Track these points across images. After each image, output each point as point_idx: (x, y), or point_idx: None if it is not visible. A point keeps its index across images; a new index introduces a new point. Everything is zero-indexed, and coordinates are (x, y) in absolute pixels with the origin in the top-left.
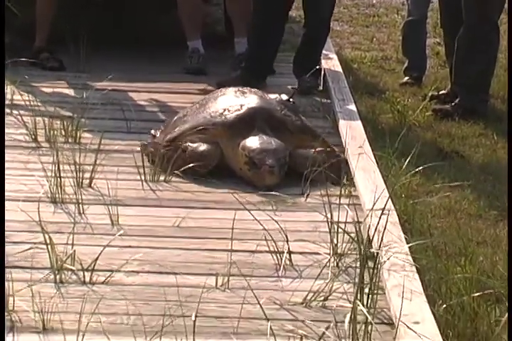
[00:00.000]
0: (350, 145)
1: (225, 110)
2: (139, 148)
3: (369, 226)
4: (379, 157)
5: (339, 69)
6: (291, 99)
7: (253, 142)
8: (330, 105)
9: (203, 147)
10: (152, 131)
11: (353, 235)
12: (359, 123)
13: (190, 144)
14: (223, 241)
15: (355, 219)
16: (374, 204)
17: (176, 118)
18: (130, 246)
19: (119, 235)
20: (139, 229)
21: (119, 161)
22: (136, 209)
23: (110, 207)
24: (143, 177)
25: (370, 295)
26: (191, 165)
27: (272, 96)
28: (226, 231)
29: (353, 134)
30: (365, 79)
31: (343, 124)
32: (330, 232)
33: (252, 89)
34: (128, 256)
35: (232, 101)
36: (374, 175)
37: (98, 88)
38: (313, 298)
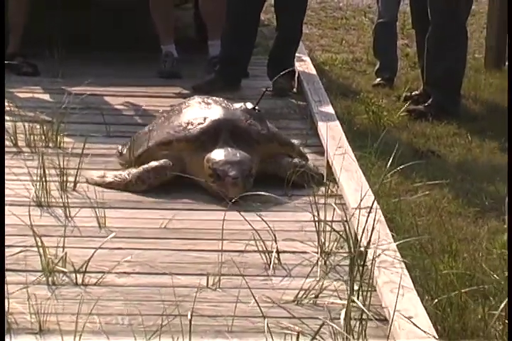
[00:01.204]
0: (331, 145)
1: (188, 124)
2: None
3: (357, 224)
4: (358, 157)
5: (313, 71)
6: (256, 108)
7: (217, 154)
8: (306, 107)
9: (156, 163)
10: (119, 148)
11: (340, 234)
12: (337, 123)
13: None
14: (212, 242)
15: (342, 218)
16: (360, 202)
17: (141, 133)
18: (120, 248)
19: (109, 238)
20: (127, 231)
21: (101, 164)
22: (122, 211)
23: (97, 210)
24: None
25: (362, 292)
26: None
27: (237, 105)
28: (214, 232)
29: (332, 135)
30: (337, 80)
31: (321, 125)
32: (317, 231)
33: (217, 99)
34: (119, 258)
35: (196, 114)
36: (357, 175)
37: (76, 93)
38: (304, 296)
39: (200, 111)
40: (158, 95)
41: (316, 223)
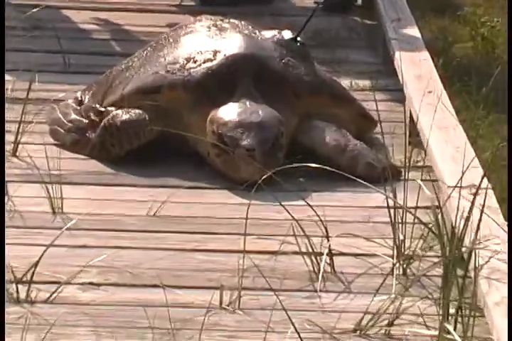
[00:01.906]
0: (415, 90)
1: (188, 60)
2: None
3: (456, 212)
4: (459, 108)
5: None
6: (298, 38)
7: (227, 112)
8: (377, 29)
9: (128, 115)
10: (78, 94)
11: (429, 227)
12: (426, 55)
13: (112, 113)
14: (227, 237)
15: (432, 203)
16: (461, 178)
17: (114, 72)
18: (85, 246)
19: (67, 229)
20: (95, 220)
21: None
22: (88, 189)
23: (50, 187)
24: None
25: (462, 318)
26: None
27: (267, 33)
28: (232, 223)
29: (417, 73)
30: None
31: (400, 58)
32: (392, 223)
33: (237, 23)
34: (82, 261)
35: (202, 45)
36: (455, 135)
37: (21, 3)
38: (371, 323)
39: (209, 41)
40: (147, 9)
41: (391, 210)
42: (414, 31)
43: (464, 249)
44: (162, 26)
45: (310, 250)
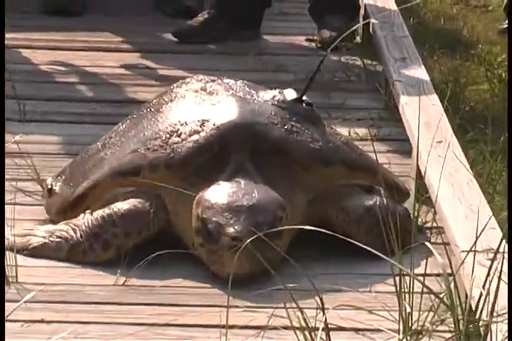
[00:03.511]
0: (422, 139)
1: (172, 134)
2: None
3: (471, 280)
4: (473, 160)
5: (392, 4)
6: (304, 98)
7: (216, 193)
8: (379, 69)
9: (125, 206)
10: (48, 181)
11: (440, 297)
12: (435, 99)
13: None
14: (210, 310)
15: (444, 269)
16: (475, 242)
17: (89, 152)
18: (43, 321)
19: (25, 302)
20: (55, 291)
21: (11, 173)
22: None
23: (7, 256)
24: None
25: None
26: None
27: (266, 94)
28: (209, 292)
29: (425, 120)
30: (436, 22)
31: (406, 102)
32: (398, 292)
33: (231, 83)
34: (41, 338)
35: (188, 114)
36: (469, 192)
37: None
38: None
39: (196, 109)
40: (116, 48)
41: (397, 278)
42: (421, 72)
43: (480, 323)
44: (133, 67)
45: (303, 324)
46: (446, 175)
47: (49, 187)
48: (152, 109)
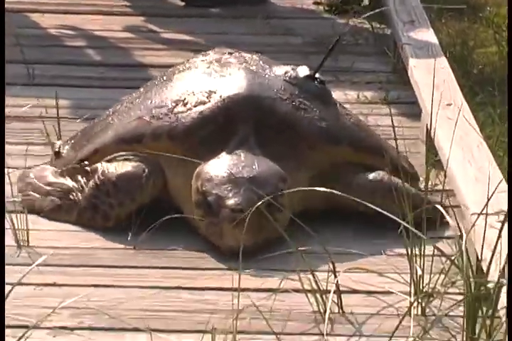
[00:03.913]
0: (431, 101)
1: (178, 103)
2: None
3: (482, 243)
4: (482, 122)
5: None
6: (317, 76)
7: (216, 166)
8: (388, 32)
9: (118, 172)
10: (57, 145)
11: (451, 259)
12: (443, 62)
13: (102, 169)
14: (221, 273)
15: (455, 232)
16: (486, 204)
17: (101, 117)
18: (55, 284)
19: (37, 265)
20: (66, 255)
21: (21, 136)
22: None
23: (14, 217)
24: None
25: None
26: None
27: (279, 70)
28: (222, 255)
29: (434, 83)
30: None
31: (415, 66)
32: (409, 255)
33: (248, 56)
34: (53, 302)
35: (197, 84)
36: (479, 154)
37: None
38: None
39: (205, 80)
40: (122, 12)
41: (408, 241)
42: (429, 35)
43: (491, 285)
44: (140, 31)
45: (315, 287)
46: (456, 138)
47: (56, 150)
48: (164, 78)
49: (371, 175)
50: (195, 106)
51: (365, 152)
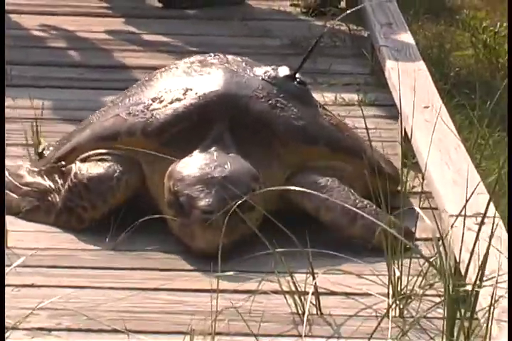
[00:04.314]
0: (408, 104)
1: (154, 100)
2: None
3: (460, 244)
4: (459, 125)
5: None
6: (297, 76)
7: (188, 165)
8: (365, 34)
9: (89, 173)
10: (41, 146)
11: (430, 261)
12: (421, 64)
13: (75, 170)
14: (197, 274)
15: (433, 233)
16: (464, 206)
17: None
18: (33, 285)
19: (15, 267)
20: (45, 256)
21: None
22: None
23: None
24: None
25: None
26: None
27: (259, 70)
28: (202, 258)
29: (411, 85)
30: None
31: (392, 68)
32: (388, 255)
33: (230, 58)
34: (32, 303)
35: (175, 83)
36: (457, 156)
37: None
38: None
39: (184, 79)
40: (104, 14)
41: (385, 242)
42: (407, 37)
43: (469, 287)
44: (119, 32)
45: (293, 289)
46: (434, 140)
47: (40, 151)
48: (147, 78)
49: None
50: (170, 103)
51: (343, 153)
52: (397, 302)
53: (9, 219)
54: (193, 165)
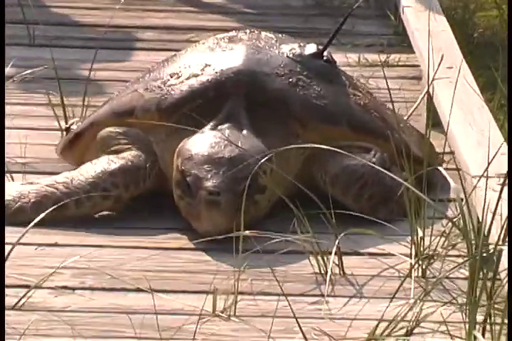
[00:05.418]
0: (432, 64)
1: (172, 75)
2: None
3: (483, 205)
4: (483, 86)
5: None
6: (325, 54)
7: (197, 143)
8: None
9: (121, 160)
10: (70, 121)
11: (453, 222)
12: (445, 25)
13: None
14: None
15: (457, 194)
16: (487, 167)
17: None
18: (56, 244)
19: (35, 225)
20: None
21: (23, 97)
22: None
23: (15, 177)
24: (63, 125)
25: (492, 327)
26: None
27: (286, 47)
28: None
29: (435, 46)
30: None
31: (416, 28)
32: (410, 215)
33: (262, 34)
34: (55, 262)
35: (195, 59)
36: (480, 117)
37: None
38: (387, 332)
39: (205, 55)
40: None
41: (408, 202)
42: None
43: (492, 247)
44: None
45: (316, 249)
46: (457, 101)
47: (67, 126)
48: (174, 54)
49: (345, 161)
50: (187, 79)
51: (365, 134)
52: (420, 262)
53: (30, 179)
54: (203, 143)
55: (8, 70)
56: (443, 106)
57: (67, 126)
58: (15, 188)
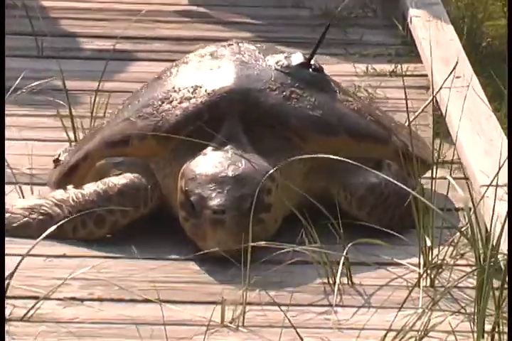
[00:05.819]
0: (440, 74)
1: (164, 100)
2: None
3: (492, 214)
4: (491, 95)
5: None
6: (312, 62)
7: (201, 164)
8: (396, 4)
9: (121, 181)
10: (58, 151)
11: (461, 231)
12: (452, 34)
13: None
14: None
15: (464, 203)
16: (495, 176)
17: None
18: (65, 256)
19: (46, 237)
20: None
21: (31, 108)
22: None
23: (22, 188)
24: (72, 136)
25: (500, 335)
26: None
27: (272, 59)
28: None
29: (443, 55)
30: None
31: (424, 38)
32: (419, 225)
33: (243, 47)
34: (63, 273)
35: (183, 80)
36: (488, 126)
37: None
38: None
39: (193, 74)
40: None
41: (417, 212)
42: (438, 7)
43: (500, 257)
44: (150, 3)
45: (324, 259)
46: (465, 110)
47: (56, 157)
48: (156, 76)
49: (367, 178)
50: (180, 103)
51: (364, 139)
52: (428, 272)
53: (39, 191)
54: (206, 163)
55: (17, 82)
56: (451, 115)
57: (56, 157)
58: (27, 202)
